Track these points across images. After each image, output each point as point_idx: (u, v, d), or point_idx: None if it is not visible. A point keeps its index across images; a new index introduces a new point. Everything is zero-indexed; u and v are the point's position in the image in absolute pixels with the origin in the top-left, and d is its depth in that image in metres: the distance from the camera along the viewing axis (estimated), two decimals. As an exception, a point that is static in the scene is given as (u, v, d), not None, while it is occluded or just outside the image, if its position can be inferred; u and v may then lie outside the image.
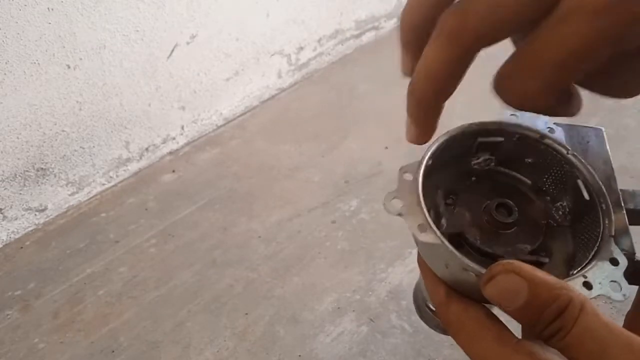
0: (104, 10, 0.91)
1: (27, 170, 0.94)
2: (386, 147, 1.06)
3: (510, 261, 0.20)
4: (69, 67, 0.91)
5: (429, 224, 0.24)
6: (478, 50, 0.21)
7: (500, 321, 0.21)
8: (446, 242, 0.23)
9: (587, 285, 0.22)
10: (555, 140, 0.26)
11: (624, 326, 0.24)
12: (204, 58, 1.12)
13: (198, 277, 0.88)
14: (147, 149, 1.12)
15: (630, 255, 0.24)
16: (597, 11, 0.18)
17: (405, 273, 0.87)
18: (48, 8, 0.83)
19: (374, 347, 0.76)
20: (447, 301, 0.23)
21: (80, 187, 1.04)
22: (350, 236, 0.94)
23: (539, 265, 0.25)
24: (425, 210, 0.25)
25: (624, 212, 0.25)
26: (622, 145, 1.05)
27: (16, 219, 0.97)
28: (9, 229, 0.97)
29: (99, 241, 0.97)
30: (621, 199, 0.25)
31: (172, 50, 1.05)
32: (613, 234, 0.24)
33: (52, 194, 1.00)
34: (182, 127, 1.17)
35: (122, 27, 0.95)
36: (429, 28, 0.21)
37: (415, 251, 0.27)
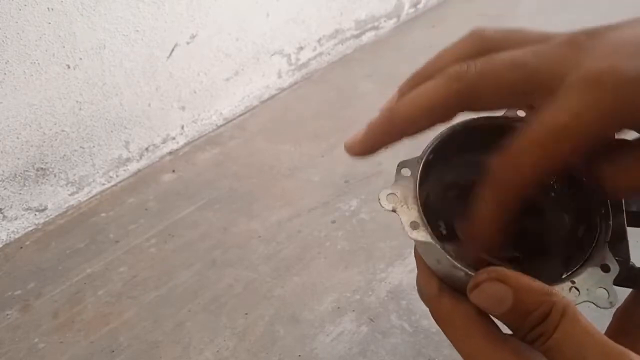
0: (104, 10, 0.91)
1: (26, 170, 0.94)
2: (386, 147, 1.06)
3: (496, 268, 0.21)
4: (69, 67, 0.91)
5: (421, 221, 0.24)
6: (468, 102, 0.22)
7: (490, 318, 0.22)
8: (436, 242, 0.23)
9: (574, 291, 0.22)
10: None
11: (610, 325, 0.27)
12: (204, 58, 1.12)
13: (198, 277, 0.88)
14: (147, 149, 1.12)
15: (624, 261, 0.23)
16: (593, 81, 0.19)
17: (405, 273, 0.87)
18: (48, 8, 0.83)
19: (374, 347, 0.76)
20: (438, 295, 0.23)
21: (80, 187, 1.04)
22: (350, 236, 0.94)
23: (535, 258, 0.25)
24: (419, 207, 0.24)
25: (624, 216, 0.24)
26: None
27: (16, 218, 0.97)
28: (8, 229, 0.97)
29: (98, 241, 0.97)
30: (624, 201, 0.25)
31: (172, 50, 1.05)
32: (608, 239, 0.23)
33: (52, 194, 1.00)
34: (182, 127, 1.17)
35: (122, 27, 0.95)
36: (431, 76, 0.23)
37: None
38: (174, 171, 1.12)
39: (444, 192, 0.28)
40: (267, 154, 1.13)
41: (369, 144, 0.24)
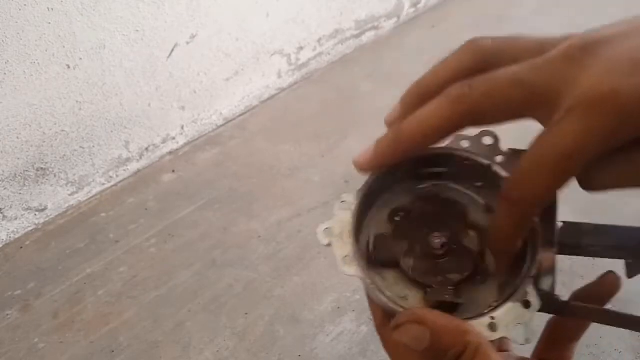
0: (104, 10, 0.91)
1: (27, 170, 0.94)
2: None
3: (415, 310, 0.23)
4: (69, 67, 0.91)
5: (354, 255, 0.25)
6: (472, 122, 0.23)
7: None
8: (367, 278, 0.25)
9: (492, 327, 0.23)
10: (502, 169, 0.27)
11: (543, 333, 0.30)
12: (204, 58, 1.12)
13: (198, 277, 0.88)
14: (147, 149, 1.12)
15: (549, 293, 0.24)
16: (592, 105, 0.20)
17: (405, 273, 0.87)
18: (48, 8, 0.83)
19: (374, 347, 0.76)
20: (382, 325, 0.25)
21: (80, 187, 1.04)
22: (350, 236, 0.94)
23: (473, 284, 0.26)
24: (354, 241, 0.26)
25: (554, 250, 0.25)
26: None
27: (16, 218, 0.97)
28: (8, 229, 0.97)
29: (98, 241, 0.97)
30: (555, 236, 0.26)
31: (172, 50, 1.05)
32: (532, 274, 0.24)
33: (52, 194, 1.00)
34: (182, 127, 1.17)
35: (122, 27, 0.95)
36: (433, 95, 0.24)
37: None
38: (174, 171, 1.12)
39: (390, 217, 0.28)
40: (267, 154, 1.13)
41: (378, 162, 0.26)
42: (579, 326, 0.30)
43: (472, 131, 0.26)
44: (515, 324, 0.23)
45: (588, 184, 0.23)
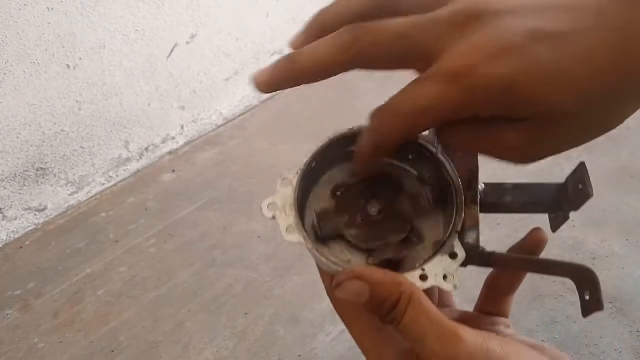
0: (104, 10, 0.91)
1: (26, 170, 0.94)
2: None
3: (353, 268, 0.26)
4: (68, 67, 0.91)
5: (297, 225, 0.28)
6: (359, 65, 0.26)
7: None
8: (308, 243, 0.28)
9: (423, 278, 0.26)
10: (428, 141, 0.30)
11: (482, 290, 0.35)
12: (204, 58, 1.12)
13: (198, 277, 0.88)
14: (147, 149, 1.12)
15: (474, 246, 0.28)
16: (446, 75, 0.23)
17: (405, 273, 0.87)
18: (48, 8, 0.83)
19: (374, 347, 0.76)
20: (331, 290, 0.27)
21: (80, 187, 1.04)
22: (350, 236, 0.94)
23: (410, 245, 0.29)
24: (296, 213, 0.28)
25: (478, 208, 0.29)
26: (623, 146, 1.05)
27: (16, 218, 0.97)
28: (8, 229, 0.97)
29: (98, 241, 0.97)
30: (479, 195, 0.29)
31: (172, 50, 1.05)
32: (459, 229, 0.28)
33: (52, 194, 1.00)
34: (182, 127, 1.17)
35: (122, 27, 0.95)
36: (331, 30, 0.26)
37: None
38: (174, 171, 1.12)
39: (332, 193, 0.31)
40: (267, 154, 1.13)
41: (272, 85, 0.27)
42: (512, 281, 0.34)
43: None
44: (444, 274, 0.26)
45: (445, 140, 0.26)
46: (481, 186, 0.30)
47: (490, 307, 0.35)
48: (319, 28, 0.28)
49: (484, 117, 0.24)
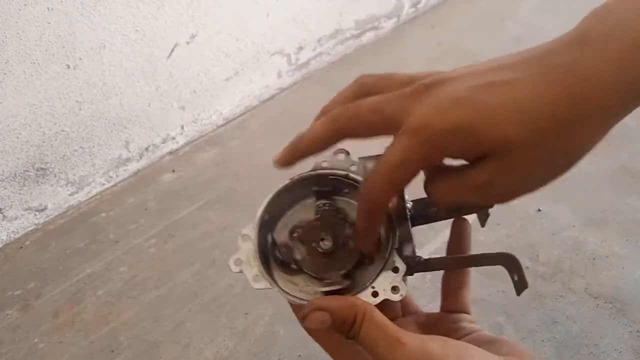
0: (104, 10, 0.91)
1: (27, 170, 0.94)
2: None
3: (314, 302, 0.30)
4: (68, 67, 0.91)
5: (261, 273, 0.33)
6: (345, 136, 0.31)
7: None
8: (275, 288, 0.32)
9: (374, 294, 0.31)
10: (357, 174, 0.35)
11: (441, 289, 0.39)
12: (204, 58, 1.12)
13: (198, 277, 0.88)
14: (147, 149, 1.12)
15: (412, 257, 0.32)
16: (409, 132, 0.27)
17: (405, 273, 0.87)
18: (48, 8, 0.83)
19: (374, 347, 0.76)
20: (303, 319, 0.32)
21: (80, 187, 1.04)
22: (350, 236, 0.94)
23: (363, 266, 0.34)
24: (259, 263, 0.33)
25: (409, 223, 0.33)
26: (623, 146, 1.05)
27: (16, 218, 0.97)
28: (8, 229, 0.97)
29: (98, 241, 0.97)
30: (407, 211, 0.33)
31: (172, 50, 1.05)
32: (397, 246, 0.32)
33: (52, 194, 1.00)
34: (182, 127, 1.17)
35: (122, 27, 0.95)
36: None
37: None
38: (173, 171, 1.12)
39: (290, 232, 0.36)
40: (267, 154, 1.13)
41: (287, 161, 0.34)
42: (460, 276, 0.38)
43: (329, 152, 0.34)
44: (390, 287, 0.31)
45: (430, 196, 0.30)
46: (409, 204, 0.34)
47: (451, 305, 0.38)
48: (323, 115, 0.34)
49: (454, 161, 0.28)
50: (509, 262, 0.32)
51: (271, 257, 0.35)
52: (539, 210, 0.92)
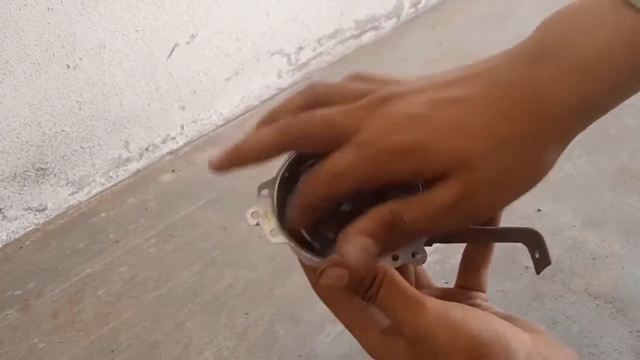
0: (104, 10, 0.91)
1: (26, 170, 0.94)
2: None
3: (333, 257, 0.29)
4: (68, 67, 0.91)
5: (279, 228, 0.32)
6: (293, 149, 0.31)
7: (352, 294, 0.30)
8: (291, 242, 0.32)
9: (394, 257, 0.30)
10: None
11: (460, 266, 0.39)
12: (204, 58, 1.12)
13: (198, 277, 0.88)
14: (147, 149, 1.12)
15: None
16: (358, 145, 0.27)
17: (405, 273, 0.87)
18: (48, 8, 0.83)
19: (374, 347, 0.76)
20: (315, 283, 0.32)
21: (80, 187, 1.04)
22: (350, 236, 0.94)
23: None
24: (276, 218, 0.33)
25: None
26: (623, 146, 1.05)
27: (16, 218, 0.97)
28: (8, 229, 0.97)
29: (98, 241, 0.97)
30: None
31: (172, 50, 1.05)
32: None
33: (52, 194, 1.00)
34: (182, 127, 1.17)
35: (122, 27, 0.95)
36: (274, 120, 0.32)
37: None
38: (173, 171, 1.12)
39: None
40: (267, 154, 1.13)
41: (224, 166, 0.32)
42: (484, 254, 0.38)
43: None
44: (411, 252, 0.30)
45: (406, 226, 0.29)
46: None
47: (468, 282, 0.38)
48: (269, 121, 0.33)
49: (407, 182, 0.28)
50: (532, 239, 0.31)
51: (286, 218, 0.34)
52: (539, 210, 0.92)
